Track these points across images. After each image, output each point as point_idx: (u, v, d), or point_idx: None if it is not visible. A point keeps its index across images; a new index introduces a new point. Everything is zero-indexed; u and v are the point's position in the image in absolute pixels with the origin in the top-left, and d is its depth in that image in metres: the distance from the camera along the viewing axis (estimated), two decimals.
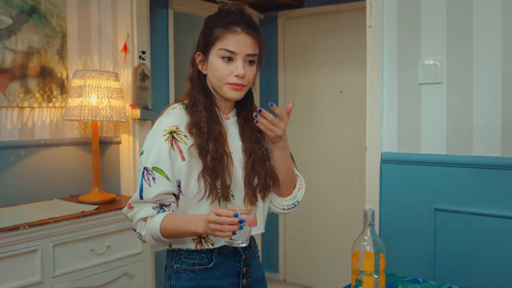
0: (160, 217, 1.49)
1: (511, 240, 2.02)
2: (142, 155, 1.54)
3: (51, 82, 2.92)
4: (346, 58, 4.00)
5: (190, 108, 1.57)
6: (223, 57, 1.53)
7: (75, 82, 2.79)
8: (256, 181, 1.61)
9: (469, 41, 2.07)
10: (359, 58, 3.92)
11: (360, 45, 3.93)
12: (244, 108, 1.65)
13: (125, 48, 3.08)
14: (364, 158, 3.92)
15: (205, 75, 1.60)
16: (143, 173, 1.51)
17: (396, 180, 2.26)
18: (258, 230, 1.64)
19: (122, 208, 2.65)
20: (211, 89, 1.61)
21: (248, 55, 1.54)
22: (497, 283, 2.03)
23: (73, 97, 2.77)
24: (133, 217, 1.54)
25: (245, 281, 1.63)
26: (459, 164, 2.11)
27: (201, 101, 1.57)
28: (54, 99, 2.93)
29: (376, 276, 1.57)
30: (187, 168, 1.51)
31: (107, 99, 2.78)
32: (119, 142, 3.21)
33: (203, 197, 1.52)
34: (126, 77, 3.11)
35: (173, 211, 1.52)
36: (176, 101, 1.68)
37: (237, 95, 1.56)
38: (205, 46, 1.56)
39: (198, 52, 1.59)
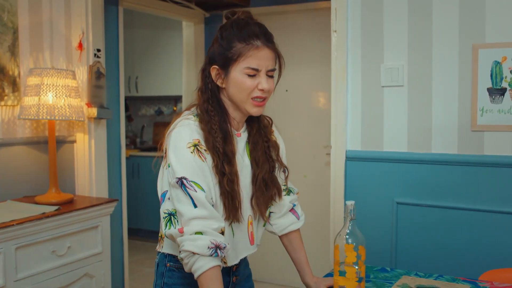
0: (207, 264, 1.40)
1: (466, 229, 2.22)
2: (170, 168, 1.47)
3: (2, 80, 2.81)
4: (291, 58, 4.11)
5: (205, 126, 1.52)
6: (247, 74, 1.49)
7: (31, 80, 2.70)
8: (264, 193, 1.63)
9: (428, 47, 2.25)
10: (304, 57, 4.08)
11: (305, 45, 4.08)
12: (254, 117, 1.65)
13: (80, 45, 3.03)
14: (309, 154, 4.10)
15: (219, 88, 1.56)
16: (182, 183, 1.43)
17: (360, 177, 2.40)
18: (252, 249, 1.68)
19: (83, 208, 2.68)
20: (226, 103, 1.58)
21: (270, 70, 1.53)
22: (453, 269, 2.22)
23: (29, 96, 2.69)
24: (182, 245, 1.42)
25: (234, 278, 1.67)
26: (419, 161, 2.28)
27: (215, 119, 1.52)
28: (6, 98, 2.83)
29: (356, 267, 1.67)
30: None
31: (65, 97, 2.72)
32: (73, 141, 3.15)
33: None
34: (81, 75, 3.06)
35: (225, 256, 1.46)
36: (186, 108, 1.62)
37: (260, 111, 1.56)
38: (225, 61, 1.50)
39: (214, 66, 1.53)
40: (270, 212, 1.78)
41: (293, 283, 4.20)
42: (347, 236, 1.65)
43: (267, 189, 1.65)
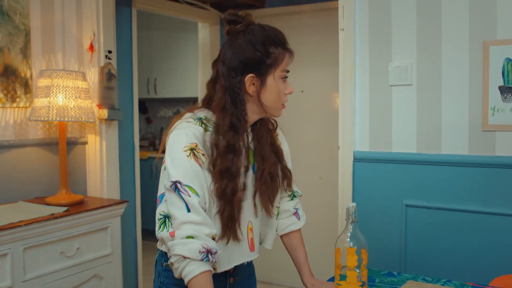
0: (198, 269, 1.37)
1: (476, 233, 2.15)
2: (165, 170, 1.46)
3: (14, 82, 2.84)
4: (307, 58, 4.09)
5: (227, 142, 1.47)
6: (283, 78, 1.52)
7: (42, 82, 2.73)
8: (270, 186, 1.61)
9: (438, 45, 2.18)
10: (320, 58, 4.03)
11: (320, 45, 4.03)
12: None
13: (91, 47, 3.04)
14: (324, 156, 4.05)
15: (241, 101, 1.51)
16: (176, 187, 1.41)
17: (368, 178, 2.35)
18: (252, 256, 1.66)
19: (92, 209, 2.69)
20: (250, 111, 1.54)
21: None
22: (463, 273, 2.15)
23: (40, 97, 2.71)
24: (172, 249, 1.40)
25: (232, 279, 1.65)
26: (429, 162, 2.22)
27: (237, 139, 1.49)
28: (18, 99, 2.85)
29: (358, 271, 1.63)
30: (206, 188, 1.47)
31: (75, 99, 2.73)
32: (85, 143, 3.16)
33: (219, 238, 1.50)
34: (92, 76, 3.07)
35: (216, 261, 1.43)
36: (188, 110, 1.57)
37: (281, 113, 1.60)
38: (264, 68, 1.49)
39: (251, 75, 1.48)
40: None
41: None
42: (348, 240, 1.61)
43: (272, 181, 1.62)
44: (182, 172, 1.42)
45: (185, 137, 1.45)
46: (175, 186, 1.41)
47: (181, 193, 1.40)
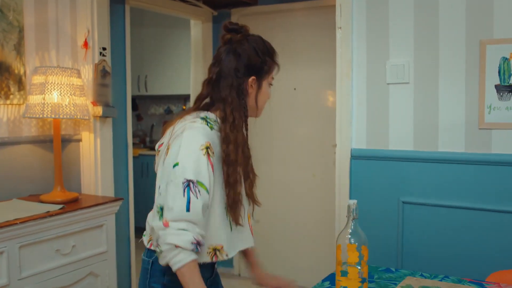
0: (189, 257, 1.47)
1: (473, 229, 2.18)
2: (177, 166, 1.52)
3: (8, 79, 2.82)
4: (300, 56, 4.09)
5: (241, 138, 1.62)
6: (270, 84, 1.73)
7: (36, 79, 2.70)
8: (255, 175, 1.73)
9: (435, 44, 2.21)
10: (313, 55, 4.04)
11: (313, 43, 4.04)
12: None
13: (86, 44, 3.02)
14: (317, 153, 4.06)
15: (244, 98, 1.67)
16: (188, 185, 1.49)
17: (366, 175, 2.37)
18: (253, 242, 1.77)
19: (87, 207, 2.67)
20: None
21: None
22: (460, 269, 2.18)
23: (34, 94, 2.69)
24: (164, 238, 1.48)
25: (215, 267, 1.77)
26: (425, 159, 2.24)
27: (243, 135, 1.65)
28: (11, 96, 2.83)
29: (359, 267, 1.64)
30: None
31: (70, 96, 2.72)
32: (79, 140, 3.15)
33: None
34: (87, 73, 3.05)
35: (200, 252, 1.54)
36: (186, 113, 1.68)
37: None
38: (263, 73, 1.69)
39: (254, 77, 1.67)
40: None
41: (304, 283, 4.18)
42: (349, 236, 1.62)
43: (254, 178, 1.74)
44: (197, 169, 1.51)
45: (201, 136, 1.55)
46: (187, 184, 1.50)
47: (190, 191, 1.49)
